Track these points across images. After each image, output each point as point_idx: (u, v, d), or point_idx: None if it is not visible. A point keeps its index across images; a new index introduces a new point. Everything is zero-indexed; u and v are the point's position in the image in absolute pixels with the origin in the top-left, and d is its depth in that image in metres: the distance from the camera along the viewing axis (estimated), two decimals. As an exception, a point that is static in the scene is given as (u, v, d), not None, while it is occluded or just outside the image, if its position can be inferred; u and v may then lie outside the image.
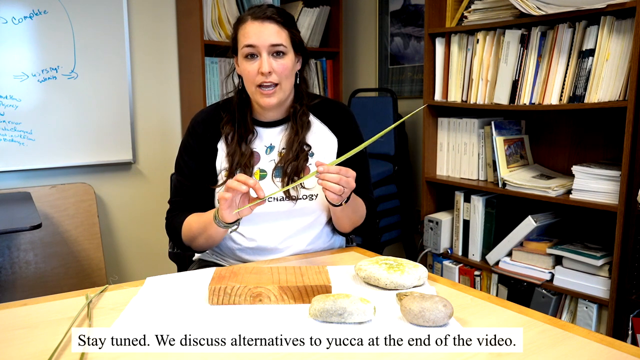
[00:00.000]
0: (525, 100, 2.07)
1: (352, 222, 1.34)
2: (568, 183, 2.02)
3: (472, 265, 2.34)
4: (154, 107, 2.76)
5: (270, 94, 1.29)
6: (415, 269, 1.10)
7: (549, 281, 2.03)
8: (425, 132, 2.47)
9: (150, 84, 2.74)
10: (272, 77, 1.27)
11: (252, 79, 1.28)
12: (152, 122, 2.76)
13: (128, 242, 2.76)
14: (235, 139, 1.34)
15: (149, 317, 0.95)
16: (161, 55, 2.76)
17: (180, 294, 1.06)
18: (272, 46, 1.27)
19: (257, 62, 1.27)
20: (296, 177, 1.33)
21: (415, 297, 0.91)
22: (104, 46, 2.55)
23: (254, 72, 1.28)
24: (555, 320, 0.94)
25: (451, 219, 2.43)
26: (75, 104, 2.51)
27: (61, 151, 2.50)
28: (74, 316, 0.96)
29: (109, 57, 2.57)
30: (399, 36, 2.97)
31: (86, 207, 2.53)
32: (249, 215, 1.20)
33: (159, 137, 2.79)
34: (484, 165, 2.32)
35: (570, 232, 2.16)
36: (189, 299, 1.04)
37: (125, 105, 2.64)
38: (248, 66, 1.28)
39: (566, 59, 1.95)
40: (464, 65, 2.29)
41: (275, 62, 1.28)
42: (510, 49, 2.10)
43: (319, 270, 1.10)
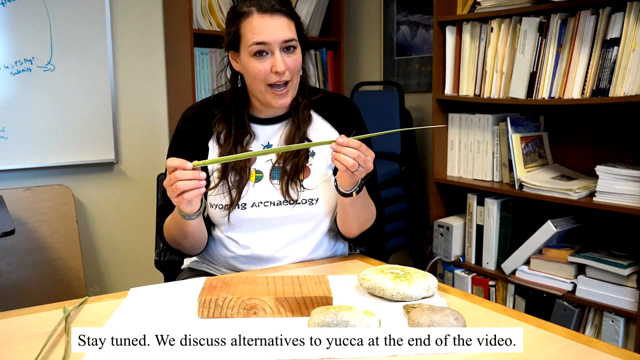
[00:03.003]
0: (544, 94, 2.07)
1: (361, 222, 1.32)
2: (591, 185, 2.02)
3: (487, 275, 2.34)
4: (139, 102, 2.76)
5: (283, 93, 1.30)
6: (424, 279, 1.10)
7: (571, 292, 2.03)
8: (434, 129, 2.47)
9: (134, 76, 2.74)
10: (285, 75, 1.28)
11: (262, 78, 1.28)
12: (136, 119, 2.76)
13: (110, 249, 2.76)
14: (231, 140, 1.34)
15: (133, 332, 0.94)
16: (146, 46, 2.76)
17: (167, 307, 1.06)
18: (284, 42, 1.27)
19: (268, 60, 1.27)
20: (296, 179, 1.33)
21: (424, 309, 0.91)
22: (84, 35, 2.55)
23: (266, 71, 1.27)
24: (578, 335, 0.94)
25: (463, 224, 2.43)
26: (52, 99, 2.51)
27: (37, 150, 2.50)
28: (50, 331, 0.96)
29: (90, 48, 2.57)
30: (405, 24, 2.97)
31: (64, 211, 2.53)
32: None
33: (144, 135, 2.79)
34: (498, 165, 2.32)
35: (594, 238, 2.16)
36: (177, 312, 1.03)
37: (107, 100, 2.64)
38: (258, 65, 1.27)
39: (589, 49, 1.95)
40: (477, 56, 2.29)
41: (287, 59, 1.28)
42: (528, 38, 2.10)
43: (318, 280, 1.10)
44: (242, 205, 1.32)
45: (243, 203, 1.32)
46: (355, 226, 1.33)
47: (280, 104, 1.31)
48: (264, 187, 1.33)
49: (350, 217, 1.30)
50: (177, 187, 1.12)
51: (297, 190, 1.33)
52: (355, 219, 1.31)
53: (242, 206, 1.32)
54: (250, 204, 1.32)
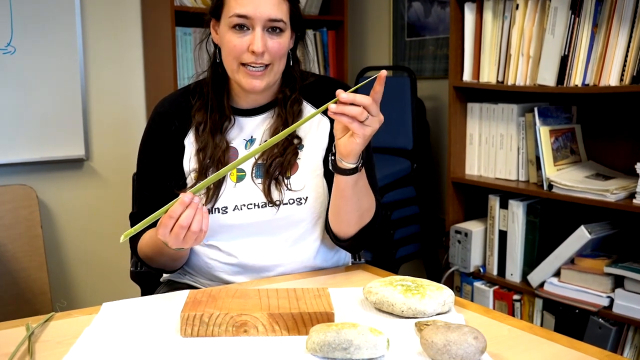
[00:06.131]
0: (576, 81, 2.07)
1: (362, 212, 1.29)
2: (631, 185, 2.02)
3: (511, 288, 2.34)
4: (112, 90, 2.76)
5: (258, 75, 1.29)
6: (438, 292, 1.10)
7: (608, 308, 2.03)
8: (451, 120, 2.47)
9: (107, 61, 2.74)
10: (263, 58, 1.28)
11: (236, 55, 1.28)
12: (109, 109, 2.76)
13: (80, 258, 2.76)
14: (208, 127, 1.34)
15: (106, 354, 0.95)
16: (121, 25, 2.76)
17: (145, 324, 1.06)
18: (269, 21, 1.27)
19: (247, 36, 1.27)
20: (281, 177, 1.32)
21: (439, 327, 0.91)
22: (49, 13, 2.55)
23: (242, 48, 1.27)
24: (616, 356, 0.94)
25: (484, 230, 2.43)
26: (13, 86, 2.51)
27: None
28: (11, 352, 0.95)
29: (56, 27, 2.57)
30: (418, 1, 2.97)
31: (26, 214, 2.53)
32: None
33: (118, 128, 2.79)
34: (524, 163, 2.32)
35: (634, 246, 2.16)
36: (156, 330, 1.03)
37: (76, 88, 2.64)
38: (234, 39, 1.28)
39: (628, 29, 1.95)
40: (500, 37, 2.29)
41: (270, 40, 1.28)
42: (558, 16, 2.10)
43: (318, 293, 1.10)
44: (222, 209, 1.32)
45: (224, 206, 1.32)
46: (354, 217, 1.29)
47: (251, 87, 1.29)
48: (246, 187, 1.33)
49: (351, 204, 1.26)
50: (182, 225, 1.11)
51: (282, 190, 1.33)
52: (357, 207, 1.27)
53: (223, 210, 1.32)
54: (232, 207, 1.32)
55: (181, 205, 1.11)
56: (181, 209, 1.11)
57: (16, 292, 2.48)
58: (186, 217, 1.11)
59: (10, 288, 2.48)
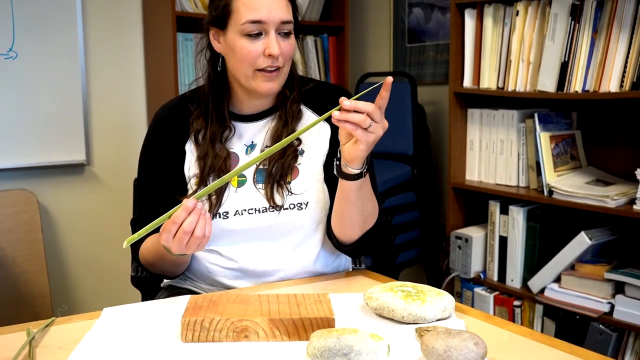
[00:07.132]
0: (576, 87, 2.07)
1: (365, 217, 1.30)
2: (631, 191, 2.02)
3: (511, 294, 2.34)
4: (113, 95, 2.77)
5: (274, 77, 1.30)
6: (439, 298, 1.10)
7: (608, 314, 2.03)
8: (451, 126, 2.47)
9: (108, 65, 2.74)
10: (278, 61, 1.29)
11: (251, 61, 1.29)
12: (110, 115, 2.76)
13: (80, 263, 2.76)
14: (208, 137, 1.35)
15: (107, 359, 0.95)
16: (122, 30, 2.76)
17: (145, 329, 1.06)
18: (282, 23, 1.28)
19: (260, 40, 1.28)
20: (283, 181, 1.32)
21: (440, 333, 0.91)
22: (51, 18, 2.55)
23: (257, 53, 1.28)
24: (616, 362, 0.94)
25: (484, 236, 2.43)
26: (14, 91, 2.51)
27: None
28: (11, 357, 0.96)
29: (58, 33, 2.57)
30: (419, 6, 2.98)
31: (27, 219, 2.53)
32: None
33: (119, 133, 2.79)
34: (525, 169, 2.32)
35: (634, 252, 2.16)
36: (156, 335, 1.03)
37: (77, 92, 2.64)
38: (248, 45, 1.28)
39: (628, 35, 1.95)
40: (500, 43, 2.30)
41: (282, 42, 1.29)
42: (559, 22, 2.11)
43: (319, 298, 1.10)
44: (224, 214, 1.32)
45: (225, 211, 1.32)
46: (358, 222, 1.30)
47: (268, 89, 1.31)
48: (247, 192, 1.34)
49: (355, 209, 1.27)
50: (186, 230, 1.12)
51: (284, 194, 1.33)
52: (360, 211, 1.28)
53: (224, 215, 1.32)
54: (233, 212, 1.32)
55: (184, 211, 1.12)
56: (184, 215, 1.12)
57: (16, 296, 2.48)
58: (189, 223, 1.11)
59: (11, 292, 2.48)
